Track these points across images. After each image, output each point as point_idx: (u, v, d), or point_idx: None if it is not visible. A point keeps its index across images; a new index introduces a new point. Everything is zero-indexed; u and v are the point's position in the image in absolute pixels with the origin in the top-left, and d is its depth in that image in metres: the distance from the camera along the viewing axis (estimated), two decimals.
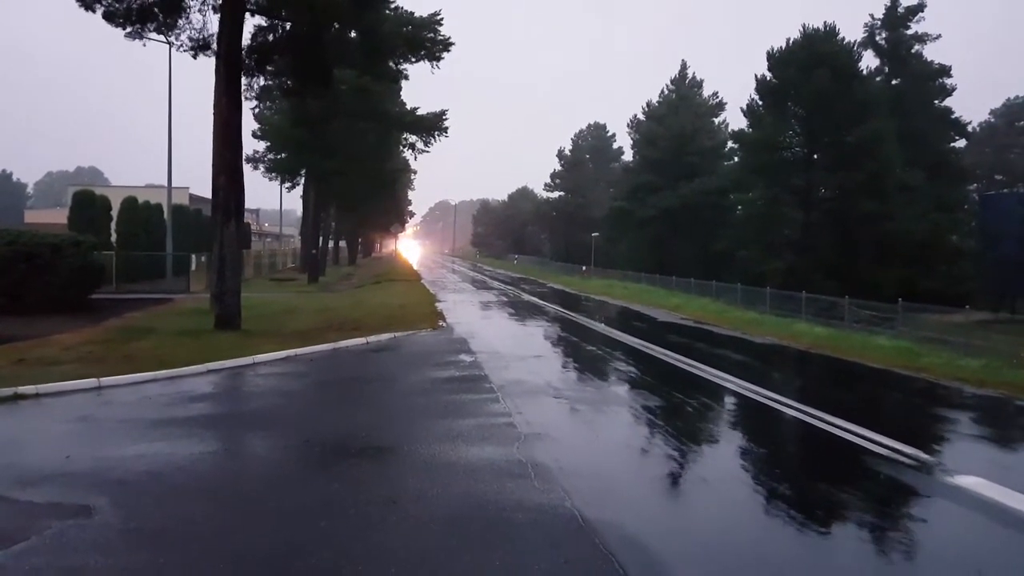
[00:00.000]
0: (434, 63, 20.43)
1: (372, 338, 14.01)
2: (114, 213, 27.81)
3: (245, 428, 7.75)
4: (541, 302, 26.38)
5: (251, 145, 41.78)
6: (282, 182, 49.24)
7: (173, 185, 33.30)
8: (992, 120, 65.19)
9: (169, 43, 19.74)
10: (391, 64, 20.55)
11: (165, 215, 31.49)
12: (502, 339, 15.01)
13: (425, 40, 19.46)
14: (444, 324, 16.78)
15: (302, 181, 44.52)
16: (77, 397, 8.77)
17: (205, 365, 10.78)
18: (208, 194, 16.84)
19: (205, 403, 9.01)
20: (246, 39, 16.44)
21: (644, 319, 20.50)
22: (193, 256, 27.18)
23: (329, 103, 24.85)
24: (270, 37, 16.98)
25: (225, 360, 11.15)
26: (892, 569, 4.43)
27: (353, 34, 18.47)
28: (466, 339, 14.38)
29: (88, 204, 26.34)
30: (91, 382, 9.36)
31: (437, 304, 22.37)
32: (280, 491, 5.55)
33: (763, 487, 5.93)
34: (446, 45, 19.58)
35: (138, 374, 9.96)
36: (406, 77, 21.77)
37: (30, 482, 5.59)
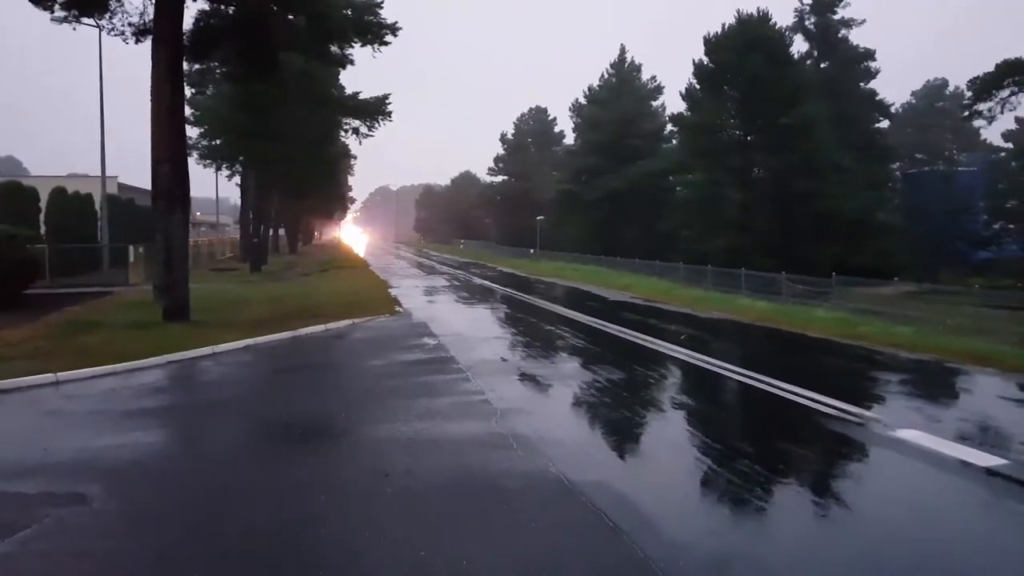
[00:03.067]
0: (376, 47, 20.23)
1: (332, 325, 14.01)
2: (41, 204, 26.68)
3: (223, 416, 7.78)
4: (494, 285, 26.66)
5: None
6: (218, 169, 47.90)
7: (107, 175, 32.08)
8: (913, 101, 68.35)
9: (100, 27, 18.95)
10: (336, 49, 20.27)
11: (96, 206, 30.44)
12: (462, 322, 15.23)
13: (371, 24, 19.24)
14: (401, 309, 16.88)
15: (238, 168, 43.42)
16: (36, 392, 8.59)
17: (164, 357, 10.63)
18: (138, 183, 16.46)
19: (174, 394, 8.98)
20: (188, 23, 16.02)
21: (597, 299, 21.01)
22: (131, 247, 26.33)
23: (272, 87, 24.37)
24: (213, 21, 16.58)
25: (184, 351, 11.00)
26: (844, 507, 4.91)
27: (292, 17, 18.15)
28: (426, 323, 14.55)
29: (17, 195, 25.20)
30: (48, 377, 9.13)
31: (391, 290, 22.38)
32: (273, 472, 5.68)
33: (727, 445, 6.38)
34: (393, 30, 19.39)
35: (95, 368, 9.75)
36: (352, 62, 21.51)
37: (14, 474, 5.58)
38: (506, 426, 6.72)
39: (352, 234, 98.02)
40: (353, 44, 20.17)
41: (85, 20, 17.44)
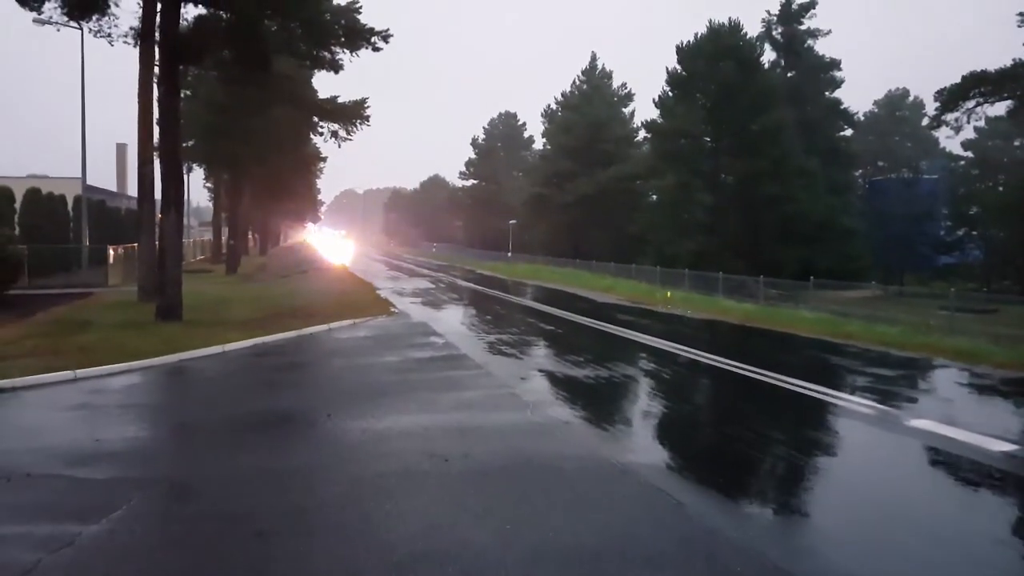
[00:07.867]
0: (355, 53, 20.39)
1: (333, 324, 14.12)
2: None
3: (260, 405, 7.81)
4: (479, 287, 26.93)
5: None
6: (188, 171, 47.41)
7: (66, 175, 31.66)
8: (875, 110, 70.55)
9: (86, 29, 18.80)
10: (326, 53, 20.38)
11: (69, 207, 29.98)
12: (462, 323, 15.47)
13: (364, 31, 19.43)
14: (396, 310, 17.02)
15: (210, 170, 42.99)
16: (59, 389, 8.60)
17: (177, 355, 10.66)
18: (103, 184, 16.48)
19: (205, 387, 9.05)
20: (184, 25, 16.04)
21: (585, 300, 21.41)
22: (110, 248, 25.98)
23: (259, 90, 24.33)
24: (209, 25, 16.61)
25: (194, 350, 11.03)
26: (877, 475, 5.38)
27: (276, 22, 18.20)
28: (427, 323, 14.75)
29: None
30: (67, 374, 9.15)
31: (378, 292, 22.46)
32: (341, 456, 5.90)
33: (763, 435, 6.78)
34: (385, 37, 19.59)
35: (110, 365, 9.75)
36: (342, 67, 21.59)
37: (78, 462, 5.69)
38: (543, 416, 7.03)
39: (326, 237, 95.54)
40: (345, 50, 20.31)
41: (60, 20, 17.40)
